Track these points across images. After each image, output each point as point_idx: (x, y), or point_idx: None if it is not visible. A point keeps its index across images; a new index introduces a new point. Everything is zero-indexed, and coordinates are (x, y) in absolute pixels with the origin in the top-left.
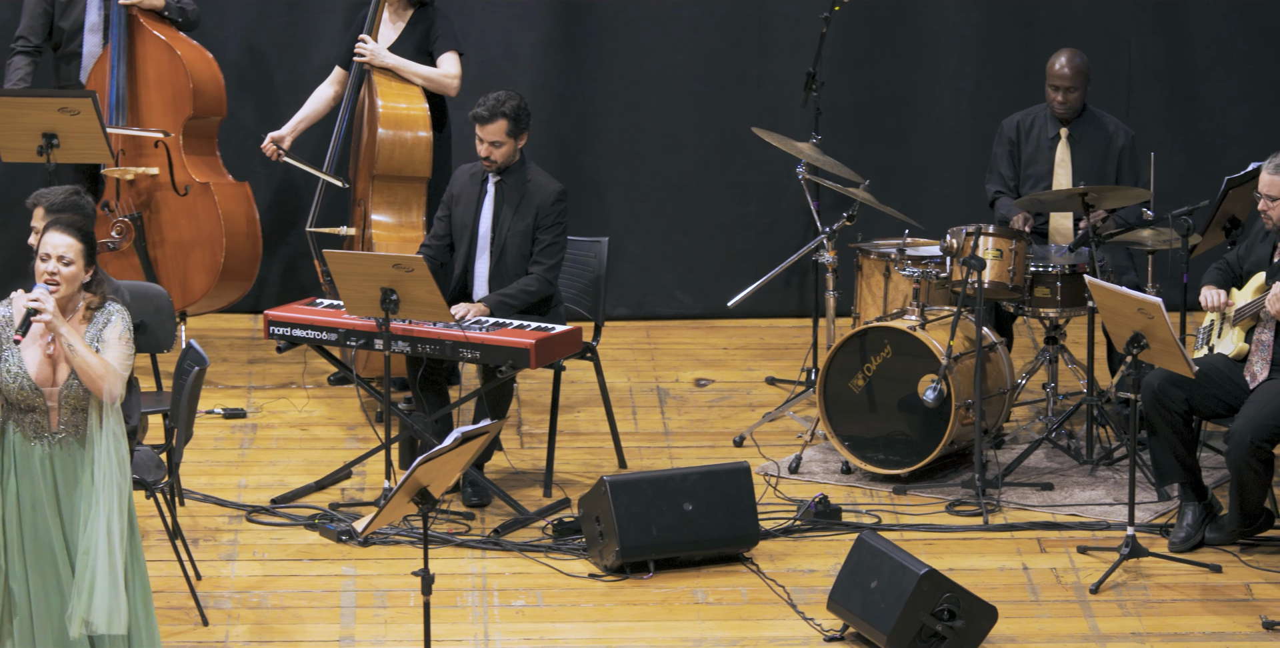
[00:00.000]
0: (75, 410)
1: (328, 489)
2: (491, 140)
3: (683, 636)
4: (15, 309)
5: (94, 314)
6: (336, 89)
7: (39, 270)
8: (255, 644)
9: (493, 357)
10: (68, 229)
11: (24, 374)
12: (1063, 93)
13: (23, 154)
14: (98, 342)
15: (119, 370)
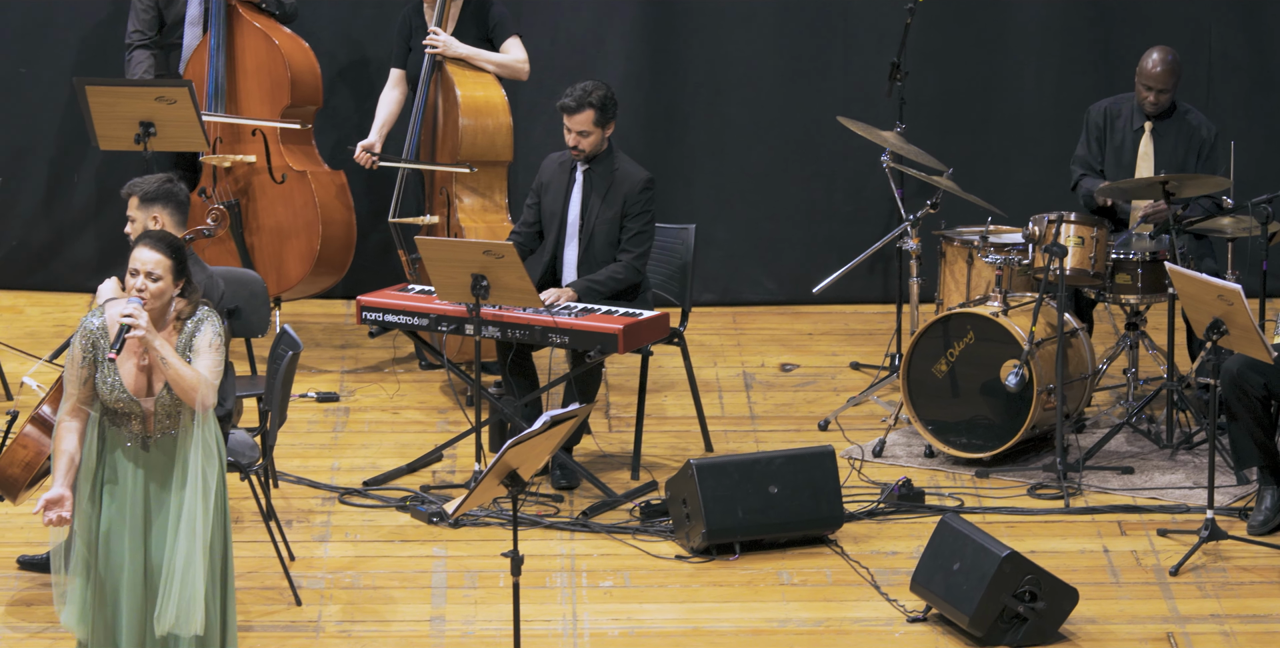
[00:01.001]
0: (169, 416)
1: (419, 472)
2: (579, 130)
3: (768, 616)
4: (109, 318)
5: (185, 323)
6: (399, 91)
7: (129, 285)
8: (347, 624)
9: (581, 342)
10: (156, 245)
11: (120, 386)
12: (1154, 93)
13: (120, 142)
14: (189, 350)
15: (210, 379)
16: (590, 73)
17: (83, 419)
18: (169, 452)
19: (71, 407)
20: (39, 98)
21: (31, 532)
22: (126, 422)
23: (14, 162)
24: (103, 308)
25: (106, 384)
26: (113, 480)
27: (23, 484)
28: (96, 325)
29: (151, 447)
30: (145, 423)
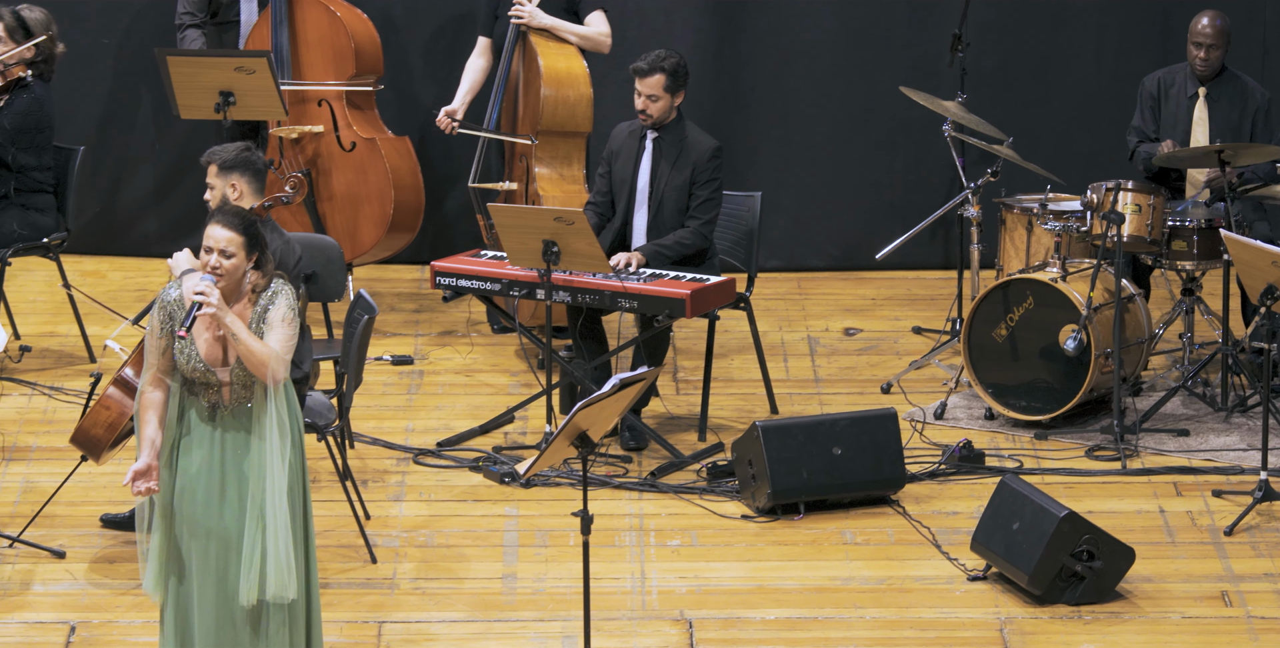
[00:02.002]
0: (245, 385)
1: (491, 433)
2: (649, 94)
3: (831, 575)
4: (185, 290)
5: (259, 296)
6: (486, 59)
7: (202, 261)
8: (422, 581)
9: (650, 307)
10: (228, 223)
11: (197, 355)
12: (1205, 50)
13: (200, 111)
14: (262, 323)
15: (281, 354)
16: (658, 45)
17: (164, 390)
18: (244, 420)
19: (152, 377)
20: (121, 69)
21: (114, 491)
22: (204, 390)
23: (96, 131)
24: (180, 280)
25: (184, 355)
26: (189, 447)
27: (105, 445)
28: (174, 297)
29: (227, 415)
30: (221, 392)
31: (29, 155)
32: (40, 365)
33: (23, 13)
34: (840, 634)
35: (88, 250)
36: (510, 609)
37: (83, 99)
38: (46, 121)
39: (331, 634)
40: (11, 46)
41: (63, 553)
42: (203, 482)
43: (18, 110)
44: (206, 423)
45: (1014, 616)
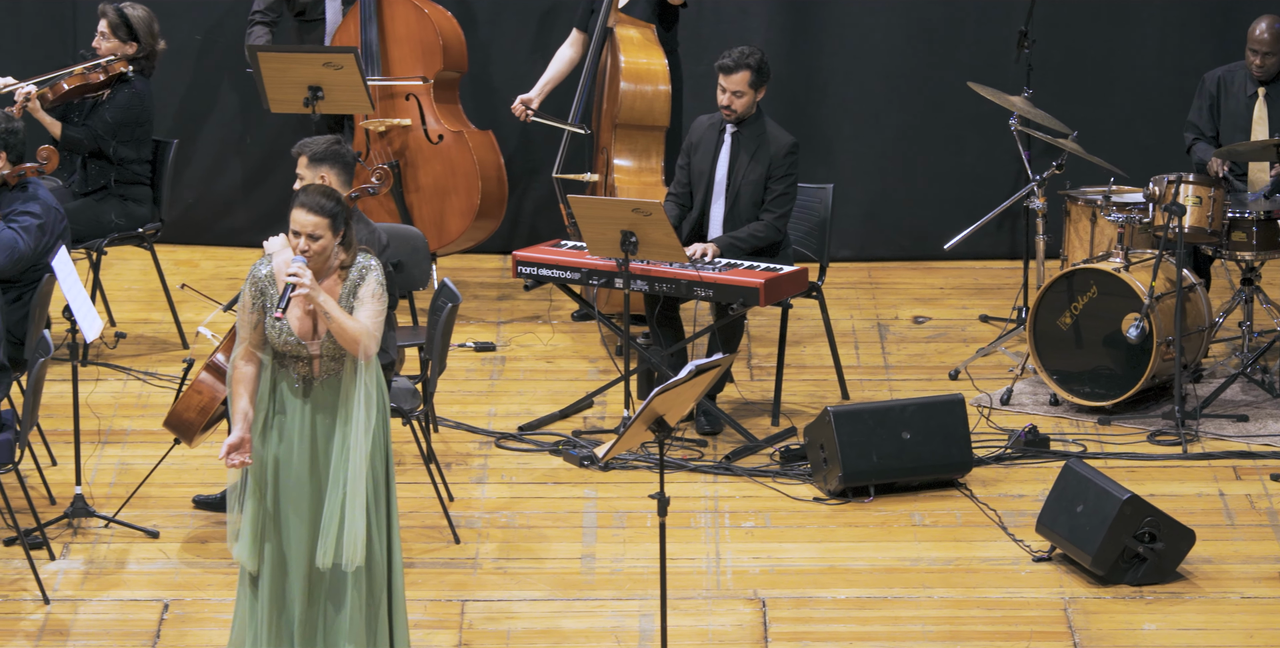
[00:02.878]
0: (335, 359)
1: (571, 418)
2: (734, 90)
3: (901, 556)
4: (276, 269)
5: (348, 271)
6: (575, 51)
7: (291, 244)
8: (503, 561)
9: (725, 295)
10: (313, 206)
11: (288, 330)
12: (1261, 57)
13: (290, 105)
14: (353, 298)
15: (372, 330)
16: (735, 41)
17: (256, 364)
18: (334, 393)
19: (244, 351)
20: (213, 64)
21: (206, 473)
22: (294, 364)
23: (190, 124)
24: (270, 257)
25: (274, 329)
26: (281, 419)
27: (198, 428)
28: (264, 273)
29: (317, 388)
30: (312, 365)
31: (129, 148)
32: (135, 351)
33: (126, 10)
34: (909, 614)
35: (181, 240)
36: (589, 588)
37: (177, 93)
38: (146, 116)
39: (416, 612)
40: (115, 43)
41: (156, 533)
42: (295, 453)
43: (119, 105)
44: (298, 396)
45: (1078, 596)
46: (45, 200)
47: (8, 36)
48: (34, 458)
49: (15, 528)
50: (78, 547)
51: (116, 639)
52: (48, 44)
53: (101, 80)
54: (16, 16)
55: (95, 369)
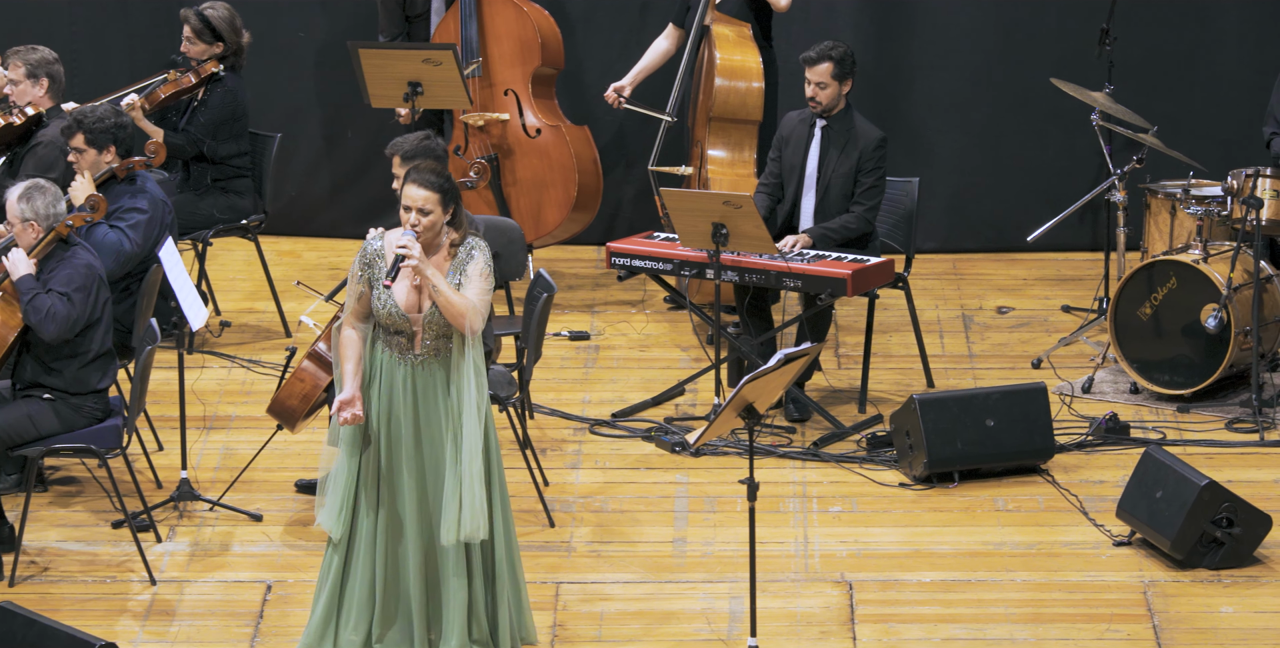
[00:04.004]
0: (438, 336)
1: (663, 405)
2: (818, 81)
3: (984, 540)
4: (387, 244)
5: (457, 250)
6: (670, 44)
7: (403, 219)
8: (597, 544)
9: (813, 286)
10: (424, 182)
11: (393, 302)
12: None
13: (390, 101)
14: (460, 275)
15: (478, 306)
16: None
17: (360, 331)
18: (438, 367)
19: (347, 319)
20: (315, 60)
21: (308, 458)
22: (397, 337)
23: (292, 119)
24: (382, 232)
25: (380, 301)
26: (381, 391)
27: (300, 415)
28: (375, 248)
29: (420, 363)
30: (415, 339)
31: (228, 145)
32: (239, 340)
33: (206, 12)
34: (992, 596)
35: (284, 231)
36: (680, 571)
37: (280, 89)
38: (241, 111)
39: None
40: (201, 47)
41: (259, 516)
42: (395, 424)
43: (213, 105)
44: (399, 369)
45: (1157, 579)
46: (153, 193)
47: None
48: (141, 443)
49: (123, 511)
50: (183, 530)
51: (220, 620)
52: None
53: (194, 83)
54: (125, 20)
55: (201, 357)
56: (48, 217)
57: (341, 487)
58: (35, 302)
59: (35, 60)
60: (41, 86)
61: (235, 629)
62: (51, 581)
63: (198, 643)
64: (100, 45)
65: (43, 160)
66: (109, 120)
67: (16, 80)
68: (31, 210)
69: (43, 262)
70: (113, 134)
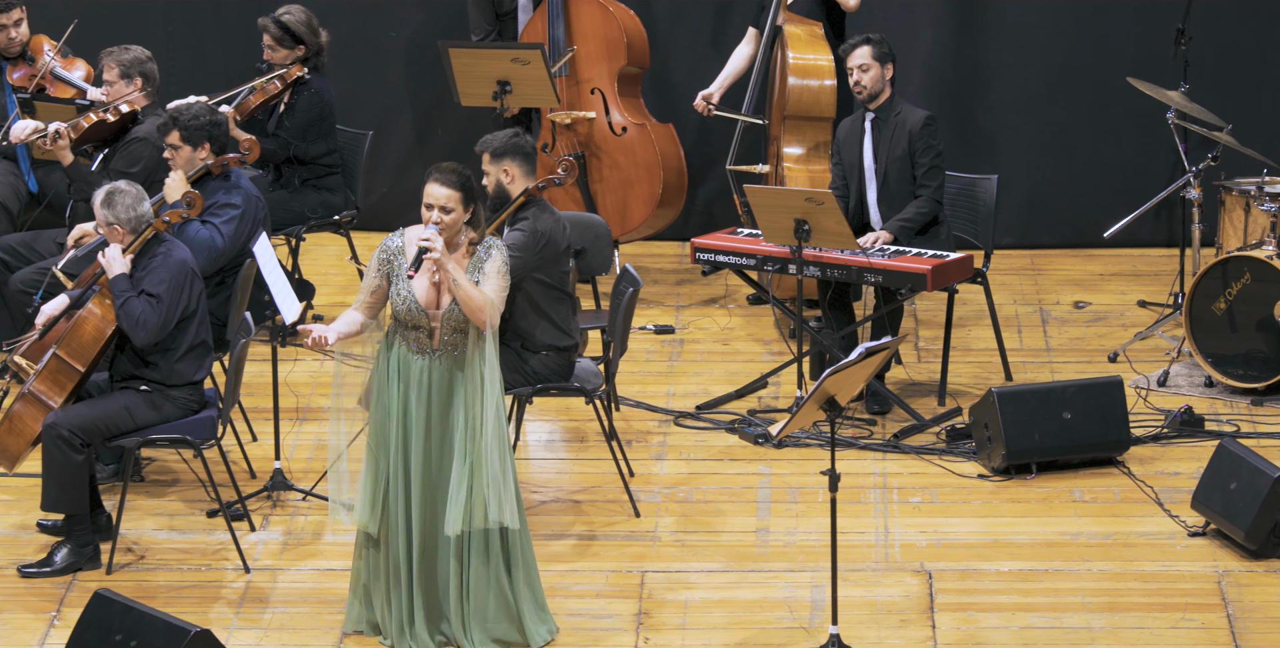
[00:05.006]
0: (455, 331)
1: (746, 397)
2: (859, 65)
3: (1061, 530)
4: (408, 241)
5: (475, 249)
6: (751, 48)
7: (424, 217)
8: (681, 534)
9: (894, 281)
10: (446, 181)
11: (412, 298)
12: None
13: (480, 99)
14: (479, 273)
15: (496, 302)
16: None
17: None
18: (454, 364)
19: (355, 306)
20: (406, 59)
21: None
22: (415, 333)
23: (384, 116)
24: (403, 230)
25: (400, 297)
26: (400, 386)
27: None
28: (395, 244)
29: (437, 358)
30: (432, 335)
31: (318, 144)
32: None
33: (283, 19)
34: (1069, 585)
35: (375, 226)
36: (763, 560)
37: (372, 87)
38: (329, 110)
39: (597, 583)
40: (284, 53)
41: (351, 505)
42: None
43: (301, 108)
44: (417, 364)
45: (1231, 569)
46: (246, 189)
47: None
48: (235, 434)
49: (218, 500)
50: (276, 519)
51: (312, 606)
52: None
53: (281, 88)
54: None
55: (293, 350)
56: (130, 219)
57: (368, 480)
58: (127, 307)
59: (128, 60)
60: (135, 85)
61: (326, 616)
62: (148, 568)
63: (290, 630)
64: (195, 46)
65: (131, 156)
66: (204, 118)
67: (110, 80)
68: (113, 215)
69: (137, 258)
70: (207, 131)
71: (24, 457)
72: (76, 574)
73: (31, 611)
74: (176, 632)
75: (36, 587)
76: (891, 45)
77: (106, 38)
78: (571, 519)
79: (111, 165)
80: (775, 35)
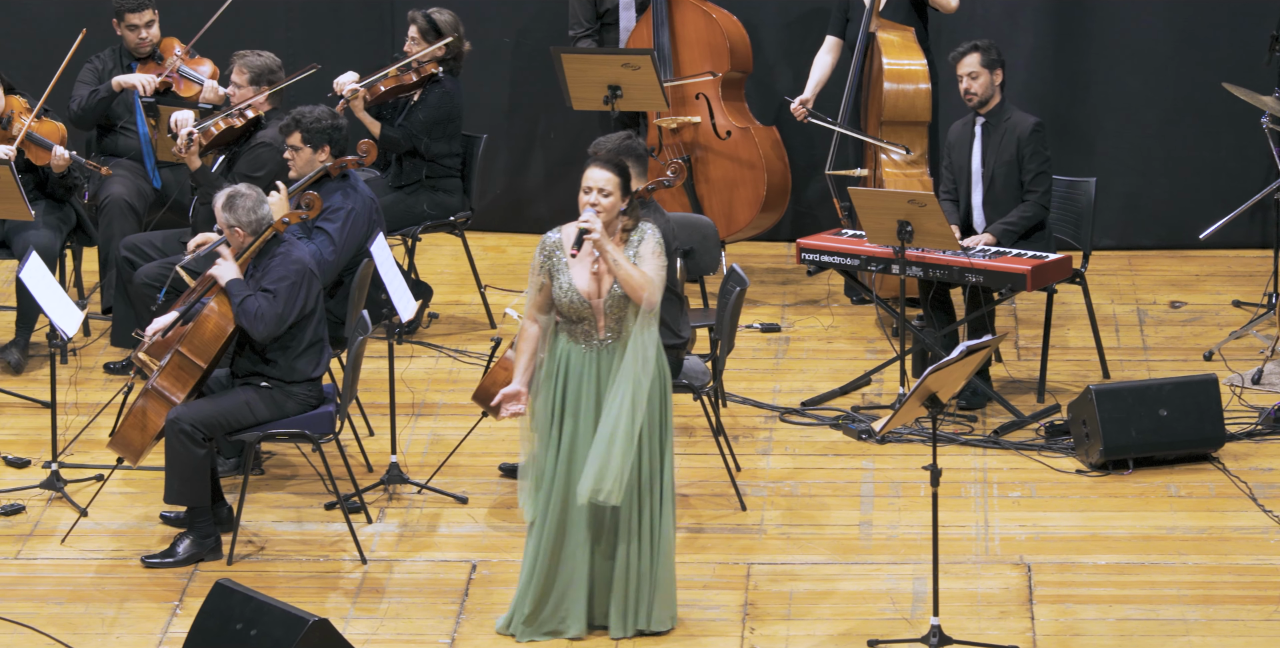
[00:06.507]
0: (618, 319)
1: (850, 394)
2: (969, 72)
3: (1157, 525)
4: (565, 235)
5: (629, 234)
6: (831, 57)
7: (582, 202)
8: (786, 527)
9: (994, 281)
10: (606, 165)
11: (574, 289)
12: None
13: (591, 103)
14: (636, 256)
15: (656, 280)
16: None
17: (541, 323)
18: (620, 351)
19: (529, 312)
20: (520, 65)
21: (512, 444)
22: (580, 325)
23: (498, 119)
24: (560, 227)
25: (561, 288)
26: (566, 377)
27: None
28: (553, 239)
29: (601, 348)
30: (595, 324)
31: (441, 144)
32: (446, 331)
33: (434, 15)
34: (1165, 578)
35: (489, 227)
36: (866, 553)
37: (487, 91)
38: (456, 112)
39: (705, 574)
40: (424, 47)
41: (465, 499)
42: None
43: (430, 104)
44: (583, 356)
45: None
46: (362, 191)
47: (330, 40)
48: (353, 429)
49: (335, 494)
50: (393, 511)
51: (428, 597)
52: (368, 46)
53: (414, 81)
54: (338, 23)
55: (410, 347)
56: (250, 222)
57: (534, 472)
58: (244, 305)
59: (259, 66)
60: (263, 92)
61: (441, 606)
62: (267, 559)
63: (405, 619)
64: (314, 47)
65: (256, 160)
66: (326, 121)
67: (239, 84)
68: (234, 218)
69: (257, 258)
70: (328, 134)
71: (148, 451)
72: (198, 565)
73: (155, 600)
74: (295, 621)
75: (160, 577)
76: (1000, 51)
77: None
78: (680, 512)
79: (235, 169)
80: (869, 42)
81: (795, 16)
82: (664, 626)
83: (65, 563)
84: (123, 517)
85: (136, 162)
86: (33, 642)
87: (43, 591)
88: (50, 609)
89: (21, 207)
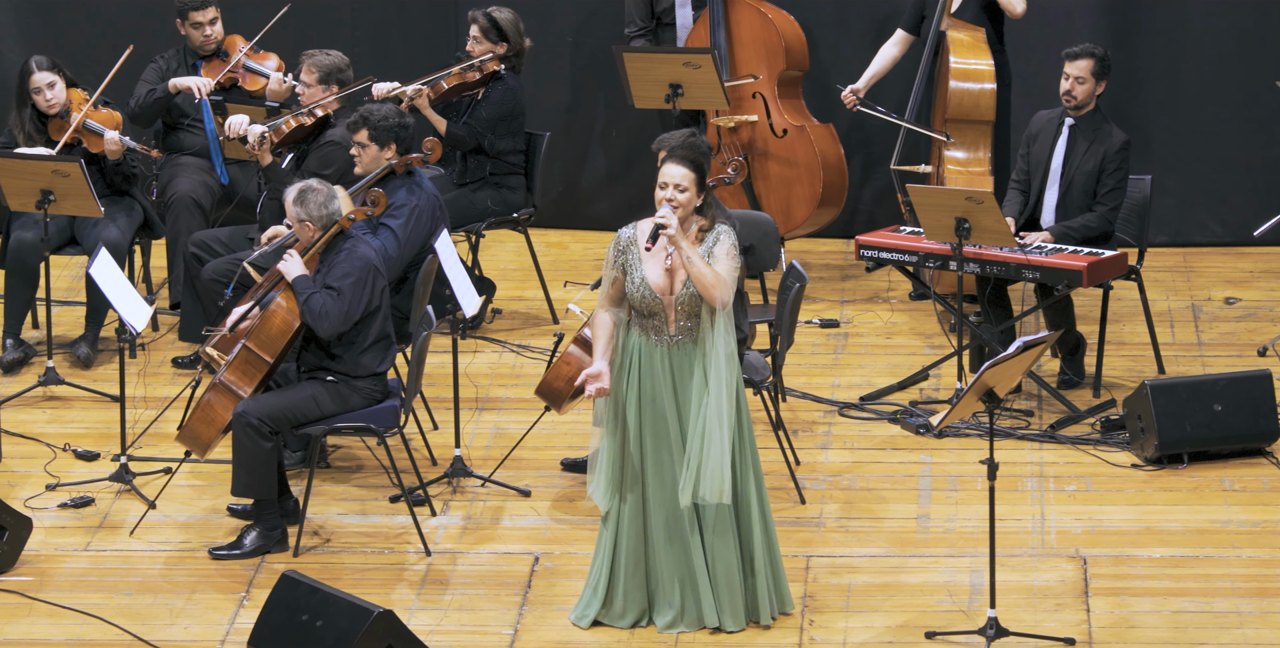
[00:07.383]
0: (690, 316)
1: (908, 389)
2: (1077, 76)
3: (1211, 518)
4: (639, 232)
5: (704, 234)
6: (898, 50)
7: (658, 198)
8: (844, 520)
9: (1051, 277)
10: (682, 161)
11: (646, 284)
12: None
13: (652, 102)
14: (709, 256)
15: (728, 280)
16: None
17: (613, 314)
18: (692, 347)
19: (602, 302)
20: (581, 63)
21: (574, 438)
22: (652, 320)
23: (561, 117)
24: (635, 223)
25: (634, 283)
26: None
27: (566, 396)
28: (628, 235)
29: (673, 342)
30: (667, 319)
31: (505, 141)
32: (509, 326)
33: (494, 14)
34: (1219, 571)
35: (552, 224)
36: (924, 546)
37: (549, 90)
38: (519, 109)
39: None
40: (485, 46)
41: (528, 492)
42: (654, 402)
43: (494, 101)
44: (655, 351)
45: None
46: (426, 188)
47: (395, 39)
48: (417, 423)
49: (400, 486)
50: (456, 504)
51: (491, 589)
52: (433, 46)
53: (477, 79)
54: (403, 21)
55: (473, 342)
56: (321, 216)
57: (606, 464)
58: (310, 302)
59: (328, 66)
60: (332, 91)
61: (504, 598)
62: (333, 551)
63: (469, 611)
64: (379, 47)
65: (325, 157)
66: (393, 119)
67: (309, 83)
68: (305, 212)
69: (324, 254)
70: (395, 132)
71: (215, 444)
72: (265, 557)
73: (222, 591)
74: (360, 612)
75: (227, 569)
76: (1110, 61)
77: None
78: None
79: (305, 166)
80: (939, 41)
81: (860, 15)
82: (790, 607)
83: (134, 555)
84: (190, 509)
85: (202, 157)
86: (102, 632)
87: (111, 582)
88: (119, 600)
89: (91, 203)
